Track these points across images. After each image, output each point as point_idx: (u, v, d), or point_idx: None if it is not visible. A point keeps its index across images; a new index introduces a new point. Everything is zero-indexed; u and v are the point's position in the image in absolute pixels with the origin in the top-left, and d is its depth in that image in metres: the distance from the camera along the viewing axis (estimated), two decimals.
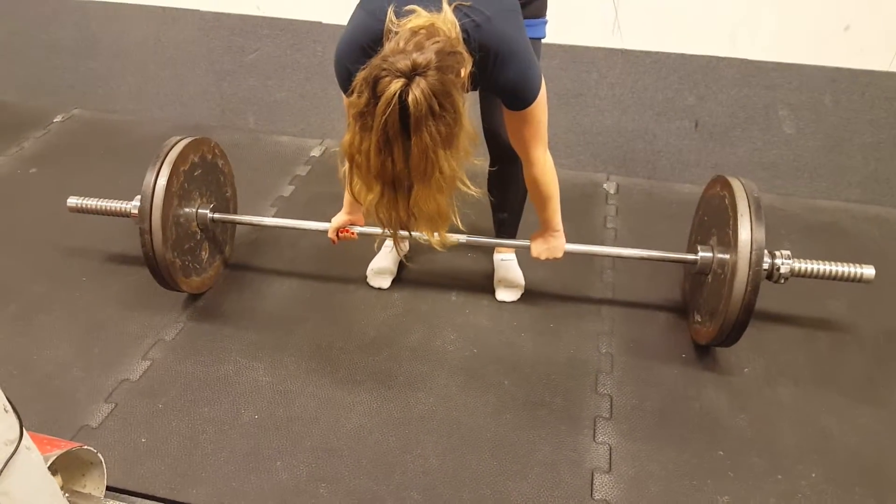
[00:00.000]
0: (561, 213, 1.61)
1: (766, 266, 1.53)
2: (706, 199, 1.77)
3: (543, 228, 1.62)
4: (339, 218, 1.70)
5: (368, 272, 1.94)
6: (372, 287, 1.90)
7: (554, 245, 1.63)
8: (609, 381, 1.60)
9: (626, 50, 2.23)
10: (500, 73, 1.25)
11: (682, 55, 2.20)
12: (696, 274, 1.70)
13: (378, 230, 1.78)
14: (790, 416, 1.52)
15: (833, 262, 1.61)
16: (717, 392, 1.58)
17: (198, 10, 2.54)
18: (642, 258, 1.75)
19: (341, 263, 1.99)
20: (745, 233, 1.47)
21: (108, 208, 1.80)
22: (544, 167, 1.45)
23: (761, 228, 1.47)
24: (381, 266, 1.93)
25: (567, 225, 1.67)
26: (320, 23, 2.44)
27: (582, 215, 2.24)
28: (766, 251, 1.52)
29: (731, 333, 1.53)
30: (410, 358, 1.66)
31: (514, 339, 1.74)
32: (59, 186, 2.30)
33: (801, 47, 2.12)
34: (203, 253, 1.84)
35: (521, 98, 1.32)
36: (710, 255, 1.65)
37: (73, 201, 1.84)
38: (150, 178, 1.62)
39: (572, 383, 1.60)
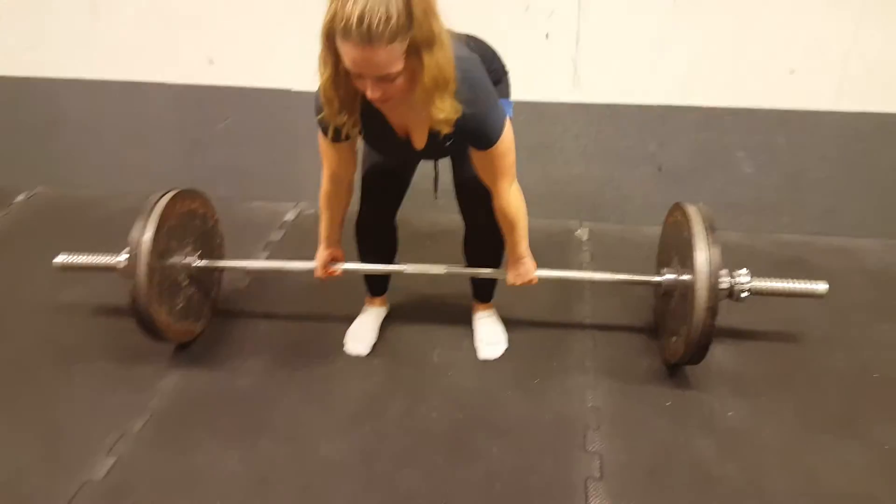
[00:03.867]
0: (537, 259, 1.68)
1: (725, 285, 1.63)
2: (667, 226, 1.88)
3: (511, 256, 1.67)
4: (321, 254, 1.73)
5: (347, 338, 1.91)
6: (350, 355, 1.88)
7: (524, 270, 1.67)
8: (597, 438, 1.60)
9: (587, 104, 2.30)
10: (465, 110, 1.28)
11: (640, 106, 2.28)
12: (663, 296, 1.79)
13: (361, 266, 1.81)
14: (778, 459, 1.53)
15: (789, 280, 1.73)
16: (705, 440, 1.58)
17: (165, 83, 2.56)
18: (611, 282, 1.86)
19: (317, 332, 1.96)
20: (701, 253, 1.57)
21: (96, 263, 1.85)
22: (509, 198, 1.50)
23: (717, 246, 1.57)
24: (362, 331, 1.92)
25: (547, 274, 1.70)
26: (289, 91, 2.47)
27: (558, 263, 2.25)
28: (725, 270, 1.62)
29: (698, 349, 1.60)
30: (394, 431, 1.63)
31: (500, 399, 1.72)
32: (19, 270, 2.25)
33: (751, 92, 2.22)
34: (189, 301, 1.86)
35: (486, 137, 1.36)
36: (673, 276, 1.73)
37: (60, 259, 1.88)
38: (138, 225, 1.68)
39: (561, 443, 1.59)
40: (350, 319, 1.96)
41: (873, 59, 2.10)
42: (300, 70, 2.45)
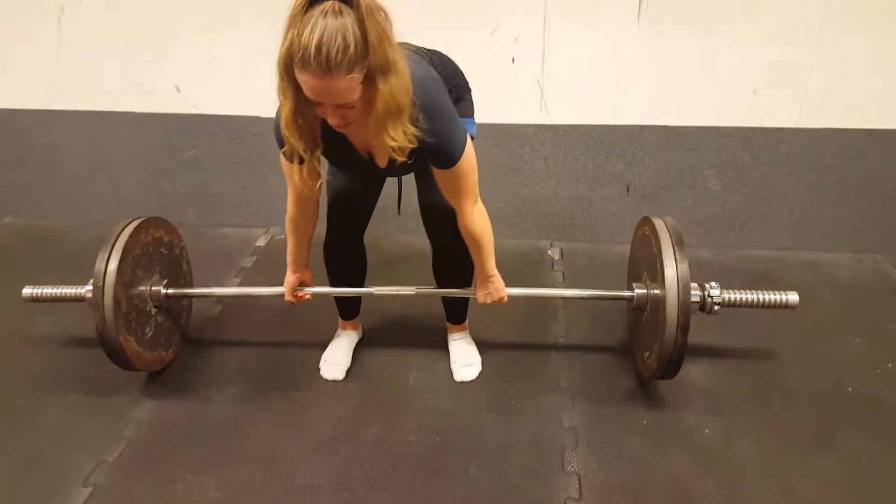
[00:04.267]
0: (511, 280, 1.66)
1: (697, 298, 1.64)
2: (636, 241, 1.88)
3: (479, 275, 1.65)
4: (289, 279, 1.70)
5: (321, 364, 1.88)
6: (326, 379, 1.85)
7: (494, 288, 1.66)
8: (575, 458, 1.58)
9: (554, 125, 2.33)
10: (426, 128, 1.27)
11: (607, 126, 2.31)
12: (635, 311, 1.79)
13: (330, 289, 1.80)
14: (755, 476, 1.53)
15: (760, 291, 1.72)
16: (682, 457, 1.58)
17: (133, 112, 2.54)
18: (583, 297, 1.85)
19: (291, 358, 1.93)
20: (670, 267, 1.56)
21: (63, 294, 1.81)
22: (473, 217, 1.48)
23: (685, 260, 1.56)
24: (336, 356, 1.89)
25: (518, 292, 1.69)
26: (259, 117, 2.47)
27: (531, 282, 2.27)
28: (696, 284, 1.62)
29: (671, 364, 1.59)
30: (371, 455, 1.60)
31: (477, 421, 1.70)
32: None
33: (716, 111, 2.26)
34: (158, 329, 1.83)
35: (447, 155, 1.35)
36: (644, 291, 1.73)
37: (27, 291, 1.84)
38: (102, 256, 1.64)
39: (539, 464, 1.57)
40: (324, 344, 1.93)
41: (833, 77, 2.16)
42: (269, 96, 2.46)
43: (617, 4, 2.12)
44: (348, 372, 1.87)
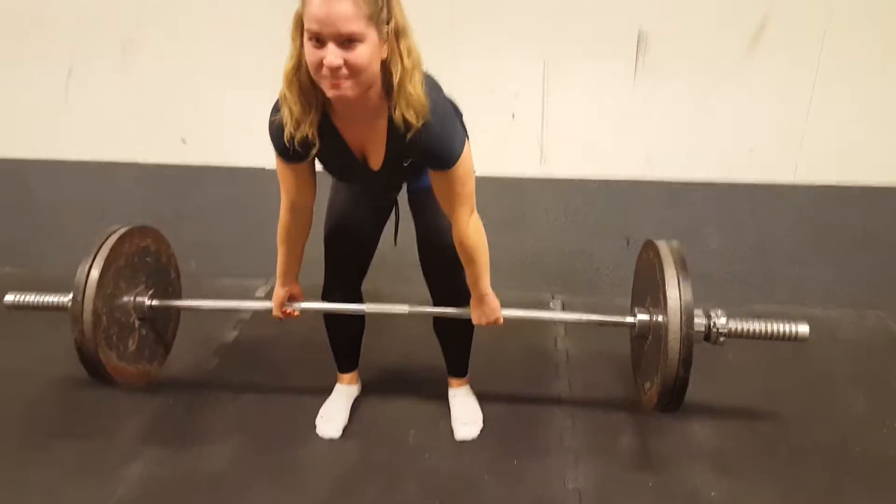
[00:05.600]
0: (513, 332, 1.65)
1: (701, 327, 1.56)
2: (640, 265, 1.84)
3: (473, 293, 1.62)
4: (278, 293, 1.67)
5: (318, 420, 1.85)
6: (322, 437, 1.81)
7: (489, 309, 1.62)
8: None
9: (553, 178, 2.36)
10: (423, 129, 1.27)
11: (606, 181, 2.35)
12: (637, 338, 1.73)
13: (320, 305, 1.75)
14: None
15: (769, 321, 1.64)
16: None
17: (136, 163, 2.57)
18: (582, 322, 1.78)
19: (289, 411, 1.90)
20: (673, 293, 1.50)
21: (44, 302, 1.79)
22: (467, 229, 1.46)
23: (688, 284, 1.50)
24: (332, 413, 1.85)
25: (519, 347, 1.65)
26: (263, 168, 2.49)
27: (533, 336, 2.25)
28: (701, 311, 1.55)
29: (673, 395, 1.51)
30: None
31: (479, 482, 1.66)
32: None
33: (713, 167, 2.30)
34: (143, 342, 1.79)
35: (445, 155, 1.33)
36: (646, 317, 1.67)
37: (9, 298, 1.81)
38: (82, 268, 1.61)
39: None
40: (323, 394, 1.90)
41: (828, 134, 2.20)
42: (271, 148, 2.50)
43: (614, 61, 2.18)
44: (346, 428, 1.83)
